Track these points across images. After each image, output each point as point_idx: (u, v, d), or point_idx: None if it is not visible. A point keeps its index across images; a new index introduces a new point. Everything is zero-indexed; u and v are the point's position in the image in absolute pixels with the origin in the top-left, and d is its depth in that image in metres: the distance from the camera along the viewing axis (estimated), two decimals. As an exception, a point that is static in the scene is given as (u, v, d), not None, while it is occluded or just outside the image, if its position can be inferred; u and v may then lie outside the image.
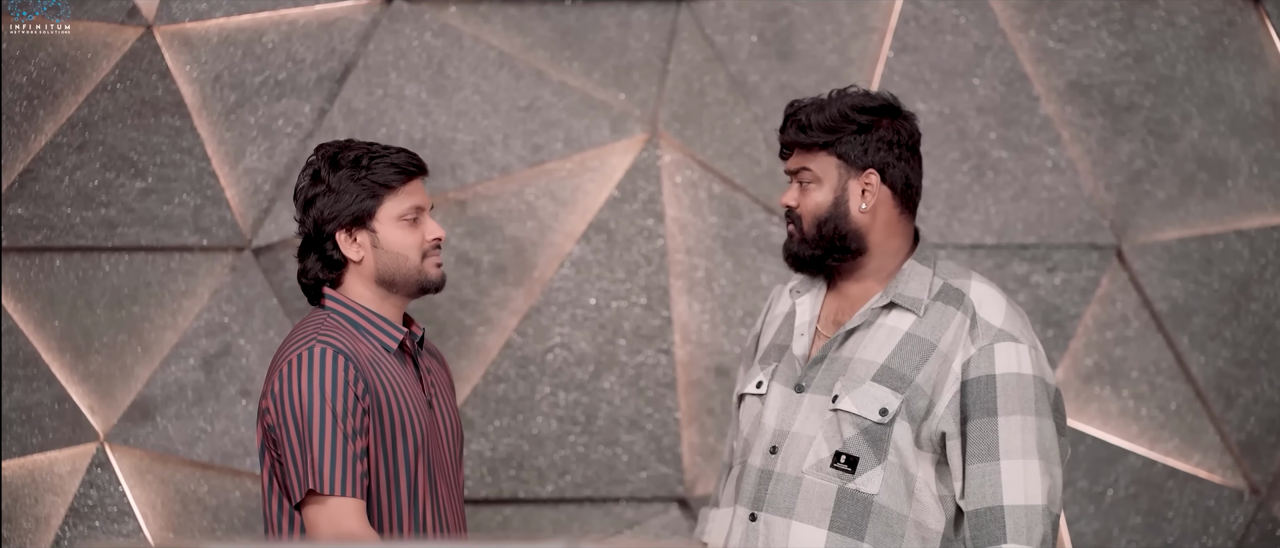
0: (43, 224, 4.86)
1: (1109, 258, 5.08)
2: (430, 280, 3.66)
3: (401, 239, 3.61)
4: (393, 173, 3.60)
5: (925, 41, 5.04)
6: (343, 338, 3.52)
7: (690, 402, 5.03)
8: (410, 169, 3.62)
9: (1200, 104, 5.08)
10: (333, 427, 3.44)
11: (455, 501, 3.71)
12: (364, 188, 3.58)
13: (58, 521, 4.87)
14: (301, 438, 3.44)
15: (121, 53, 4.88)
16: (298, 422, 3.45)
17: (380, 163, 3.60)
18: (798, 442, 3.51)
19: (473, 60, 4.97)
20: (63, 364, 4.89)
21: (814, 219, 3.56)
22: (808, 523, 3.47)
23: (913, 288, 3.54)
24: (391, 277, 3.62)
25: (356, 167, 3.59)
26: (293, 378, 3.47)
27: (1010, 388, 3.44)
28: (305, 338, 3.52)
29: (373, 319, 3.61)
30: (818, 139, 3.53)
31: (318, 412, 3.44)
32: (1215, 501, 5.11)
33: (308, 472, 3.43)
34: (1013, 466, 3.41)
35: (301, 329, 3.57)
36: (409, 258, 3.62)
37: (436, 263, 3.66)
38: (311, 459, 3.43)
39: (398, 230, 3.61)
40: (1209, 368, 5.09)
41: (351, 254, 3.61)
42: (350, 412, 3.46)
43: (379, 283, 3.63)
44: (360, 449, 3.46)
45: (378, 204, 3.59)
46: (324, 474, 3.42)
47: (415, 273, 3.63)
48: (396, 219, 3.61)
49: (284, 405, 3.47)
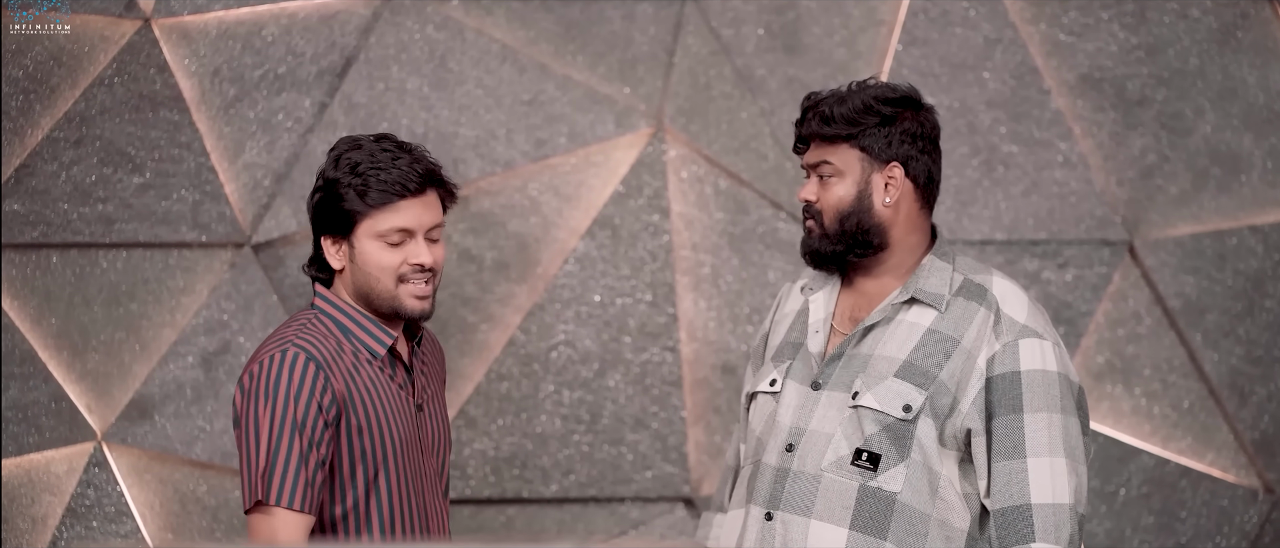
0: (39, 220, 4.84)
1: (1121, 254, 5.07)
2: (403, 310, 3.48)
3: (375, 259, 3.45)
4: (378, 191, 3.42)
5: (934, 34, 5.04)
6: (320, 342, 3.41)
7: (696, 400, 5.01)
8: (399, 190, 3.42)
9: (1213, 98, 5.08)
10: (291, 436, 3.33)
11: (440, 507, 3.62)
12: (347, 198, 3.43)
13: (55, 521, 4.85)
14: (258, 443, 3.34)
15: (119, 46, 4.86)
16: (257, 425, 3.35)
17: (374, 176, 3.42)
18: (815, 439, 3.48)
19: (475, 54, 4.96)
20: (60, 362, 4.86)
21: (836, 214, 3.52)
22: (828, 522, 3.44)
23: (934, 284, 3.52)
24: (366, 295, 3.48)
25: (353, 172, 3.44)
26: (261, 379, 3.37)
27: (1036, 385, 3.42)
28: (281, 339, 3.42)
29: (362, 322, 3.49)
30: (841, 131, 3.50)
31: (278, 419, 3.33)
32: (1229, 500, 5.10)
33: (258, 479, 3.34)
34: (1040, 463, 3.39)
35: (283, 329, 3.47)
36: (381, 280, 3.45)
37: (416, 293, 3.48)
38: (263, 467, 3.33)
39: (374, 249, 3.45)
40: (1222, 366, 5.09)
41: (333, 262, 3.49)
42: (310, 423, 3.35)
43: (357, 296, 3.50)
44: (317, 462, 3.36)
45: (357, 218, 3.44)
46: (273, 484, 3.33)
47: (388, 298, 3.47)
48: (375, 237, 3.44)
49: (248, 406, 3.37)
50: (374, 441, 3.44)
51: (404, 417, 3.50)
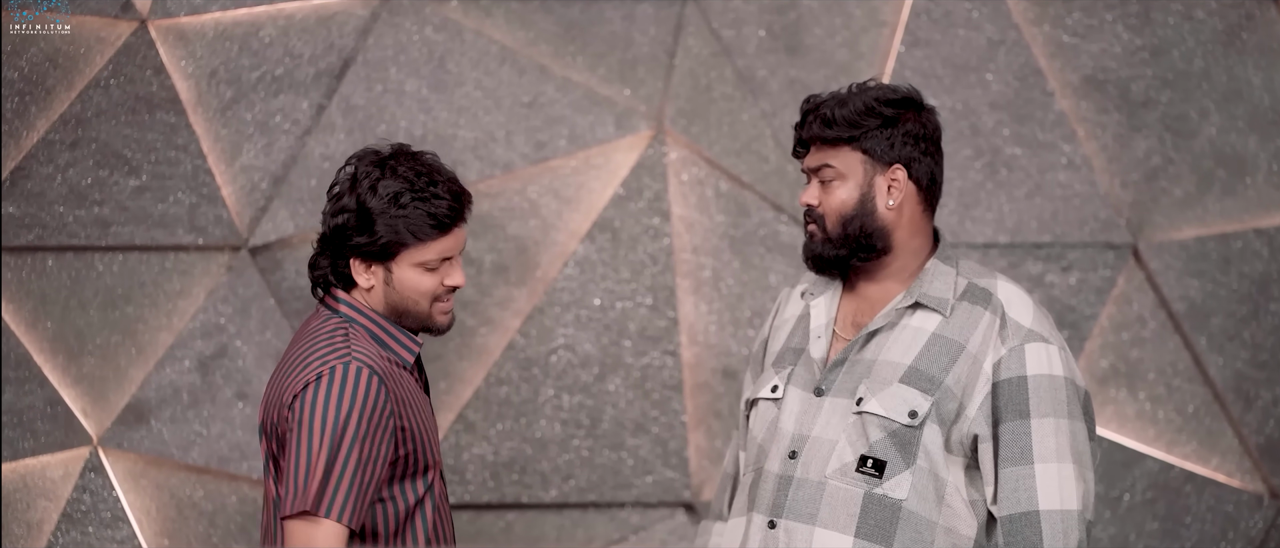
0: (35, 223, 4.83)
1: (1125, 257, 5.06)
2: (434, 326, 3.53)
3: (415, 284, 3.48)
4: (428, 225, 3.44)
5: (937, 36, 5.03)
6: (374, 354, 3.42)
7: (697, 405, 5.01)
8: (447, 222, 3.46)
9: (1218, 100, 5.08)
10: (358, 452, 3.34)
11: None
12: (393, 229, 3.44)
13: (50, 526, 4.84)
14: (317, 456, 3.33)
15: (115, 48, 4.85)
16: (320, 440, 3.33)
17: (420, 208, 3.43)
18: (819, 446, 3.46)
19: (474, 55, 4.95)
20: (55, 366, 4.85)
21: (839, 217, 3.49)
22: (832, 529, 3.41)
23: (938, 288, 3.49)
24: (396, 314, 3.51)
25: (394, 203, 3.43)
26: (325, 394, 3.36)
27: (1042, 390, 3.40)
28: (337, 351, 3.41)
29: (391, 331, 3.51)
30: (842, 133, 3.47)
31: (348, 435, 3.34)
32: (1234, 505, 5.10)
33: (314, 491, 3.33)
34: (1047, 469, 3.37)
35: (329, 336, 3.45)
36: (419, 304, 3.49)
37: (445, 310, 3.53)
38: (323, 480, 3.33)
39: (414, 274, 3.47)
40: (1227, 370, 5.08)
41: (361, 282, 3.49)
42: (375, 437, 3.36)
43: (385, 311, 3.51)
44: (373, 475, 3.37)
45: (402, 248, 3.46)
46: (325, 496, 3.32)
47: (422, 317, 3.51)
48: (416, 264, 3.47)
49: (310, 419, 3.35)
50: (419, 449, 3.46)
51: (432, 422, 3.55)
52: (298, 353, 3.44)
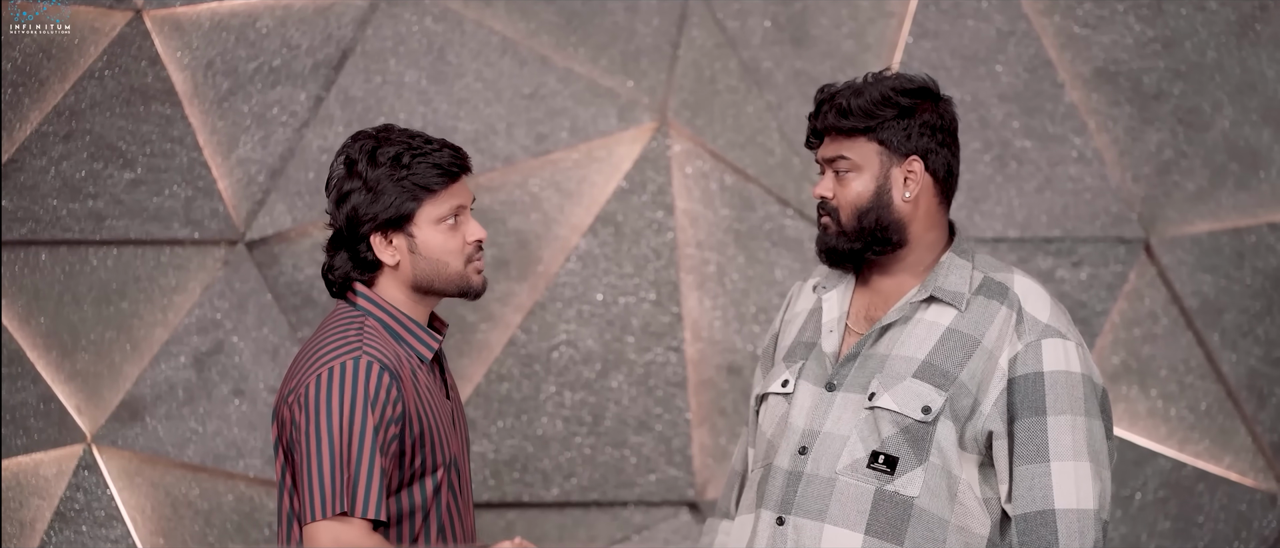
0: (28, 216, 4.83)
1: (1137, 252, 5.06)
2: (472, 286, 3.54)
3: (441, 243, 3.48)
4: (435, 174, 3.46)
5: (946, 26, 5.02)
6: (387, 349, 3.41)
7: (701, 402, 5.00)
8: (453, 170, 3.48)
9: (1231, 92, 5.07)
10: (372, 446, 3.32)
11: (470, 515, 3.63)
12: (403, 189, 3.45)
13: (43, 525, 4.84)
14: (333, 454, 3.31)
15: (110, 38, 4.85)
16: (332, 437, 3.32)
17: (422, 162, 3.46)
18: (830, 442, 3.43)
19: (474, 46, 4.95)
20: (48, 362, 4.85)
21: (855, 210, 3.47)
22: (842, 526, 3.38)
23: (953, 281, 3.47)
24: (429, 283, 3.50)
25: (396, 165, 3.45)
26: (333, 389, 3.34)
27: (1059, 386, 3.37)
28: (348, 345, 3.39)
29: (410, 326, 3.50)
30: (858, 124, 3.44)
31: (358, 429, 3.32)
32: (1247, 504, 5.09)
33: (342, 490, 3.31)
34: (1064, 468, 3.34)
35: (341, 331, 3.44)
36: (450, 264, 3.49)
37: (479, 268, 3.54)
38: (347, 477, 3.31)
39: (437, 234, 3.48)
40: (1241, 367, 5.07)
41: (386, 258, 3.49)
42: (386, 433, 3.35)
43: (415, 288, 3.51)
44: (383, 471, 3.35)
45: (417, 207, 3.46)
46: (358, 496, 3.31)
47: (457, 278, 3.51)
48: (436, 222, 3.47)
49: (318, 417, 3.34)
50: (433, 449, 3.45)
51: (449, 422, 3.53)
52: (311, 348, 3.44)
